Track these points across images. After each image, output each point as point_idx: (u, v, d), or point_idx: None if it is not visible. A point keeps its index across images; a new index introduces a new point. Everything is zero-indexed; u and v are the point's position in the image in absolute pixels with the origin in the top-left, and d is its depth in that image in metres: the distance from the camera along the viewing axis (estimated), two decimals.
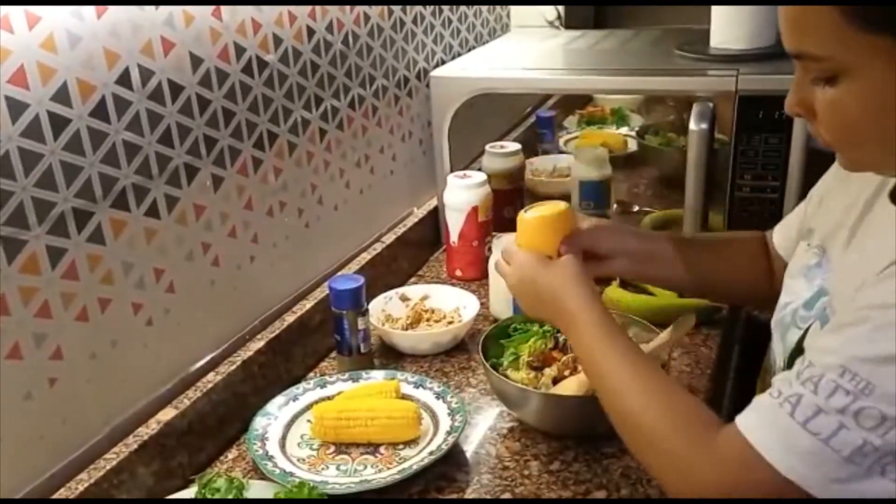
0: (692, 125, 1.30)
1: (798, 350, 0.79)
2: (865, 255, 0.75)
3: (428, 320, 1.31)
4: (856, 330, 0.65)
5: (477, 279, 1.46)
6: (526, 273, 0.95)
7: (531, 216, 0.97)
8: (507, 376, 1.05)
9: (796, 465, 0.66)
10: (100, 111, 0.88)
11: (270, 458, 0.99)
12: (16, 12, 0.77)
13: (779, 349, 0.88)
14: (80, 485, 0.87)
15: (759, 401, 0.71)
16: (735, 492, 0.70)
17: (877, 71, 0.66)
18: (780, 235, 1.03)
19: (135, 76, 0.92)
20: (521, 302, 0.99)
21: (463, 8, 1.76)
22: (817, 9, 0.66)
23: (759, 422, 0.69)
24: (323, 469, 1.00)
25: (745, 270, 1.06)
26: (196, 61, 1.01)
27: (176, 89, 0.98)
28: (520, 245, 0.98)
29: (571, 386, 1.01)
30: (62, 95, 0.83)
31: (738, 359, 1.37)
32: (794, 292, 0.87)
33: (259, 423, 1.06)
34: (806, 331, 0.81)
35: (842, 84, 0.68)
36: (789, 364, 0.80)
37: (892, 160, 0.72)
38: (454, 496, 0.96)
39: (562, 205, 0.98)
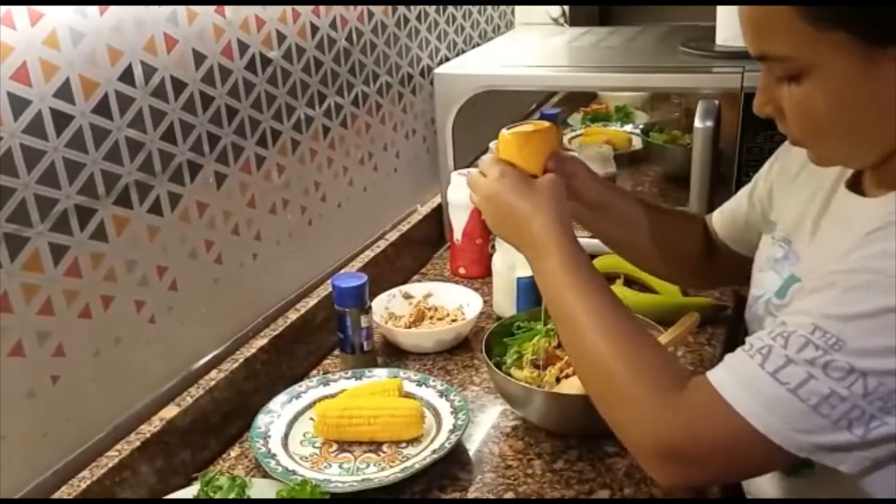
0: (697, 122, 1.29)
1: None
2: (831, 243, 0.77)
3: (431, 318, 1.30)
4: (826, 293, 0.67)
5: (480, 277, 1.46)
6: (504, 187, 0.87)
7: (513, 132, 0.91)
8: (510, 375, 1.05)
9: (761, 413, 0.66)
10: (102, 108, 0.87)
11: (273, 456, 0.99)
12: (18, 9, 0.77)
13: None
14: (82, 482, 0.87)
15: (732, 355, 0.71)
16: (697, 440, 0.70)
17: (838, 66, 0.68)
18: (721, 222, 1.06)
19: (138, 73, 0.91)
20: (489, 218, 0.92)
21: (467, 5, 1.75)
22: (775, 10, 0.69)
23: (727, 372, 0.70)
24: (325, 467, 0.99)
25: (683, 247, 1.07)
26: (199, 58, 1.00)
27: (179, 86, 0.98)
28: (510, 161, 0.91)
29: (575, 384, 1.01)
30: (65, 92, 0.83)
31: None
32: (763, 286, 0.89)
33: (262, 420, 1.05)
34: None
35: (806, 81, 0.70)
36: None
37: (859, 153, 0.75)
38: (457, 495, 0.95)
39: (545, 123, 0.93)
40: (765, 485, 0.90)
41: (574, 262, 0.82)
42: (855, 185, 0.80)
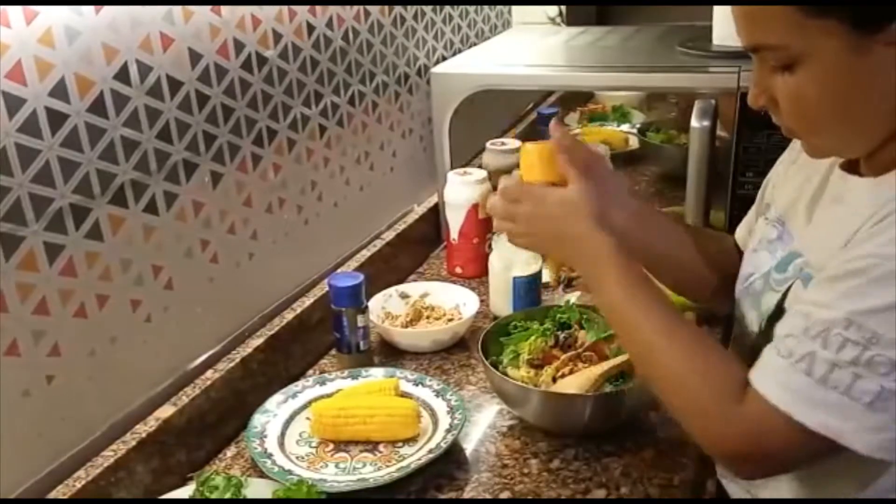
0: (694, 122, 1.29)
1: (779, 311, 0.81)
2: (831, 222, 0.78)
3: (428, 318, 1.30)
4: (851, 283, 0.67)
5: (477, 276, 1.46)
6: (550, 212, 0.85)
7: (540, 143, 0.88)
8: (506, 374, 1.05)
9: (826, 420, 0.67)
10: (98, 107, 0.87)
11: (269, 455, 0.99)
12: (13, 7, 0.77)
13: (752, 315, 0.89)
14: (78, 482, 0.87)
15: (770, 363, 0.72)
16: (765, 447, 0.72)
17: (830, 54, 0.69)
18: (742, 233, 1.05)
19: (133, 72, 0.91)
20: (536, 239, 0.90)
21: (464, 5, 1.75)
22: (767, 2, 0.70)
23: (777, 384, 0.70)
24: (322, 467, 0.99)
25: (717, 265, 1.02)
26: (195, 57, 1.00)
27: (175, 85, 0.97)
28: (528, 179, 0.89)
29: (571, 384, 1.01)
30: (60, 91, 0.83)
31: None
32: (756, 264, 0.90)
33: (258, 420, 1.05)
34: (785, 292, 0.81)
35: (799, 70, 0.71)
36: (768, 326, 0.82)
37: (850, 143, 0.76)
38: (453, 494, 0.95)
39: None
40: None
41: (631, 275, 0.83)
42: (850, 167, 0.80)
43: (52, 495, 0.86)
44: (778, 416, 0.69)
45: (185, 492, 0.92)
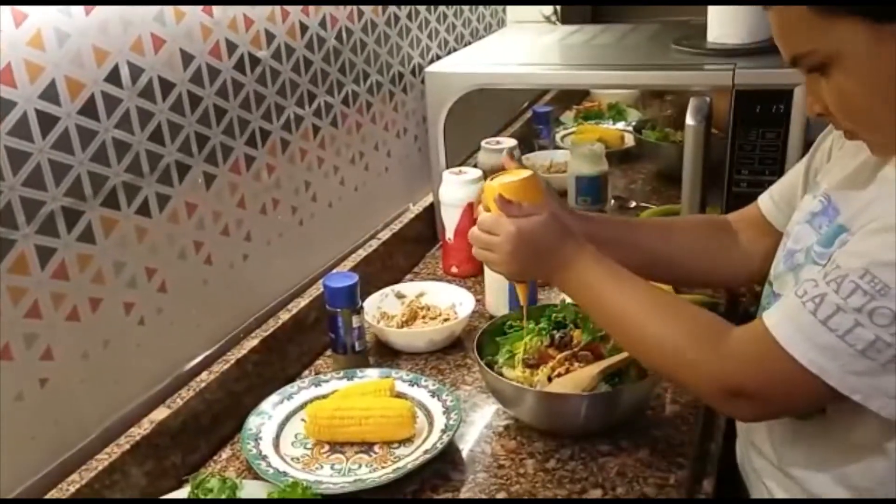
0: (689, 120, 1.29)
1: None
2: (889, 195, 0.76)
3: (423, 318, 1.30)
4: (880, 237, 0.71)
5: (473, 276, 1.46)
6: (529, 232, 0.90)
7: (503, 182, 0.94)
8: (502, 374, 1.04)
9: (816, 358, 0.72)
10: (89, 109, 0.87)
11: (264, 457, 0.99)
12: (2, 9, 0.77)
13: (789, 291, 0.87)
14: (71, 486, 0.87)
15: (786, 300, 0.77)
16: (757, 379, 0.77)
17: (856, 51, 0.72)
18: (771, 203, 1.03)
19: (124, 73, 0.91)
20: (515, 268, 0.94)
21: (458, 4, 1.75)
22: (789, 11, 0.74)
23: (783, 318, 0.75)
24: (317, 468, 0.99)
25: (697, 252, 1.07)
26: (187, 58, 1.00)
27: (167, 86, 0.97)
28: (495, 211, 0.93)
29: (567, 384, 1.01)
30: (50, 93, 0.82)
31: None
32: (798, 238, 0.90)
33: (253, 422, 1.05)
34: (825, 265, 0.80)
35: (835, 71, 0.74)
36: None
37: None
38: (449, 495, 0.95)
39: (527, 171, 0.96)
40: (768, 434, 0.91)
41: (599, 259, 0.90)
42: None
43: (47, 499, 0.85)
44: (773, 345, 0.74)
45: (180, 494, 0.92)
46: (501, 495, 0.95)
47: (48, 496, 0.86)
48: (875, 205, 0.76)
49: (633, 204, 1.70)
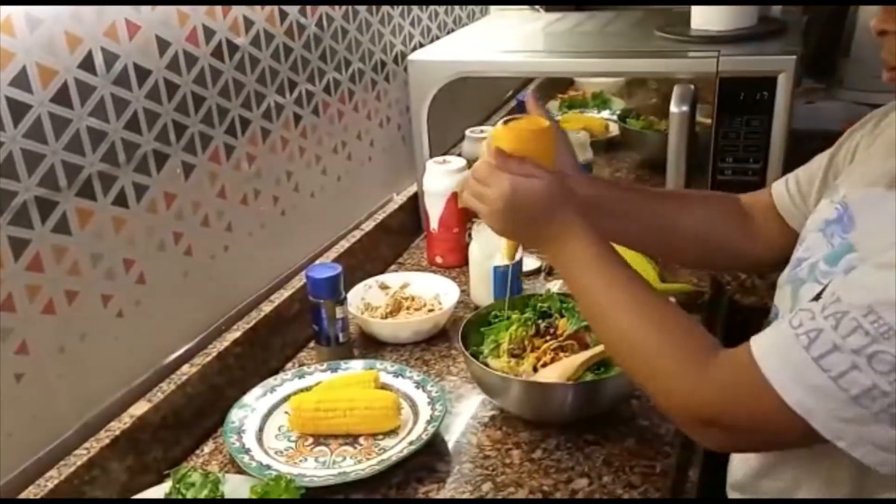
0: (673, 107, 1.29)
1: None
2: (893, 216, 0.73)
3: (408, 308, 1.29)
4: (887, 273, 0.63)
5: (458, 266, 1.45)
6: (524, 194, 0.83)
7: (513, 126, 0.86)
8: (487, 364, 1.04)
9: (803, 399, 0.65)
10: (62, 97, 0.85)
11: (247, 451, 0.98)
12: None
13: (785, 304, 0.85)
14: (49, 482, 0.85)
15: (778, 328, 0.69)
16: (733, 410, 0.70)
17: None
18: (785, 195, 0.98)
19: (98, 60, 0.89)
20: (502, 225, 0.88)
21: None
22: None
23: (773, 349, 0.68)
24: (301, 461, 0.98)
25: (712, 228, 1.00)
26: (163, 45, 0.98)
27: (142, 74, 0.95)
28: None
29: (552, 373, 1.00)
30: (21, 81, 0.80)
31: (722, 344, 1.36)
32: (809, 248, 0.84)
33: (236, 415, 1.04)
34: (825, 286, 0.75)
35: None
36: None
37: None
38: (434, 486, 0.94)
39: (544, 122, 0.88)
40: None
41: (593, 242, 0.82)
42: None
43: (24, 495, 0.84)
44: (757, 378, 0.67)
45: (161, 489, 0.90)
46: (487, 486, 0.94)
47: (25, 493, 0.84)
48: (892, 229, 0.69)
49: None
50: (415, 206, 1.59)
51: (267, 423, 1.04)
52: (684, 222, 1.00)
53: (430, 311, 1.27)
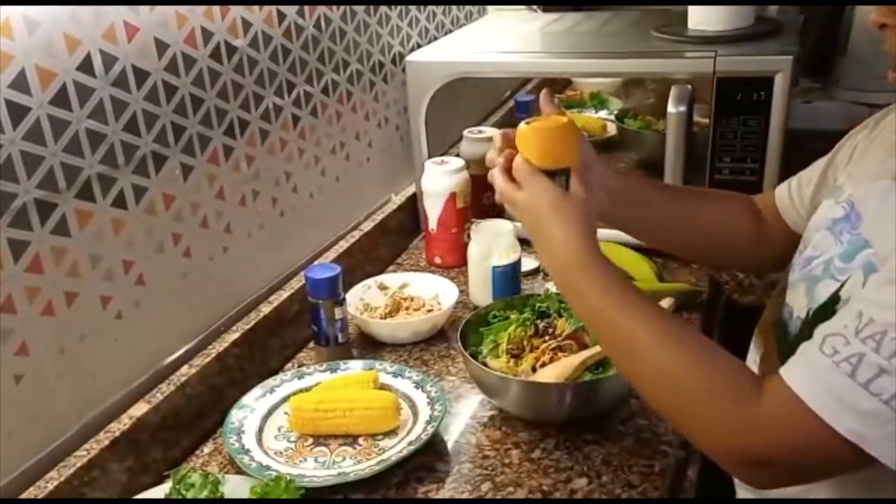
0: (670, 108, 1.29)
1: (832, 301, 0.76)
2: None
3: (407, 309, 1.29)
4: None
5: (456, 266, 1.45)
6: (542, 203, 0.84)
7: (539, 126, 0.86)
8: (486, 364, 1.04)
9: (855, 426, 0.63)
10: (61, 99, 0.85)
11: (247, 451, 0.98)
12: None
13: (802, 302, 0.83)
14: (49, 483, 0.85)
15: (809, 358, 0.68)
16: (782, 450, 0.68)
17: None
18: (785, 198, 0.99)
19: (97, 62, 0.89)
20: (528, 232, 0.88)
21: None
22: None
23: (812, 381, 0.66)
24: (301, 462, 0.98)
25: (730, 226, 1.01)
26: (161, 46, 0.98)
27: (141, 76, 0.95)
28: (531, 160, 0.86)
29: (551, 373, 1.00)
30: (20, 83, 0.80)
31: (718, 343, 1.37)
32: (818, 246, 0.83)
33: (235, 416, 1.04)
34: (844, 282, 0.76)
35: None
36: (815, 317, 0.77)
37: None
38: (434, 486, 0.95)
39: (563, 119, 0.88)
40: None
41: (608, 276, 0.80)
42: None
43: (24, 496, 0.84)
44: (806, 415, 0.65)
45: (161, 490, 0.91)
46: (486, 486, 0.94)
47: (26, 494, 0.84)
48: None
49: None
50: (413, 206, 1.59)
51: (266, 424, 1.04)
52: (705, 217, 1.01)
53: (429, 311, 1.27)
